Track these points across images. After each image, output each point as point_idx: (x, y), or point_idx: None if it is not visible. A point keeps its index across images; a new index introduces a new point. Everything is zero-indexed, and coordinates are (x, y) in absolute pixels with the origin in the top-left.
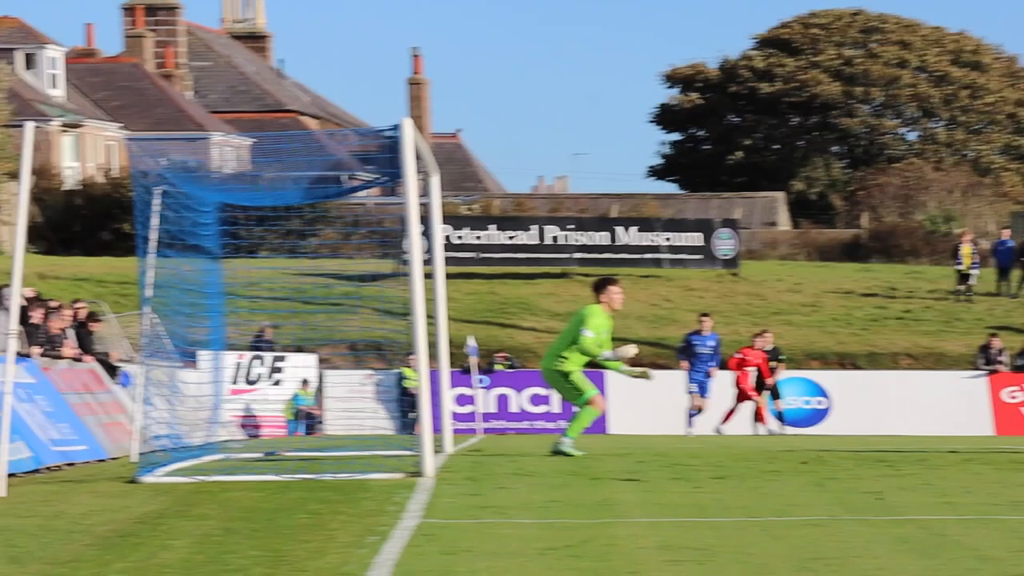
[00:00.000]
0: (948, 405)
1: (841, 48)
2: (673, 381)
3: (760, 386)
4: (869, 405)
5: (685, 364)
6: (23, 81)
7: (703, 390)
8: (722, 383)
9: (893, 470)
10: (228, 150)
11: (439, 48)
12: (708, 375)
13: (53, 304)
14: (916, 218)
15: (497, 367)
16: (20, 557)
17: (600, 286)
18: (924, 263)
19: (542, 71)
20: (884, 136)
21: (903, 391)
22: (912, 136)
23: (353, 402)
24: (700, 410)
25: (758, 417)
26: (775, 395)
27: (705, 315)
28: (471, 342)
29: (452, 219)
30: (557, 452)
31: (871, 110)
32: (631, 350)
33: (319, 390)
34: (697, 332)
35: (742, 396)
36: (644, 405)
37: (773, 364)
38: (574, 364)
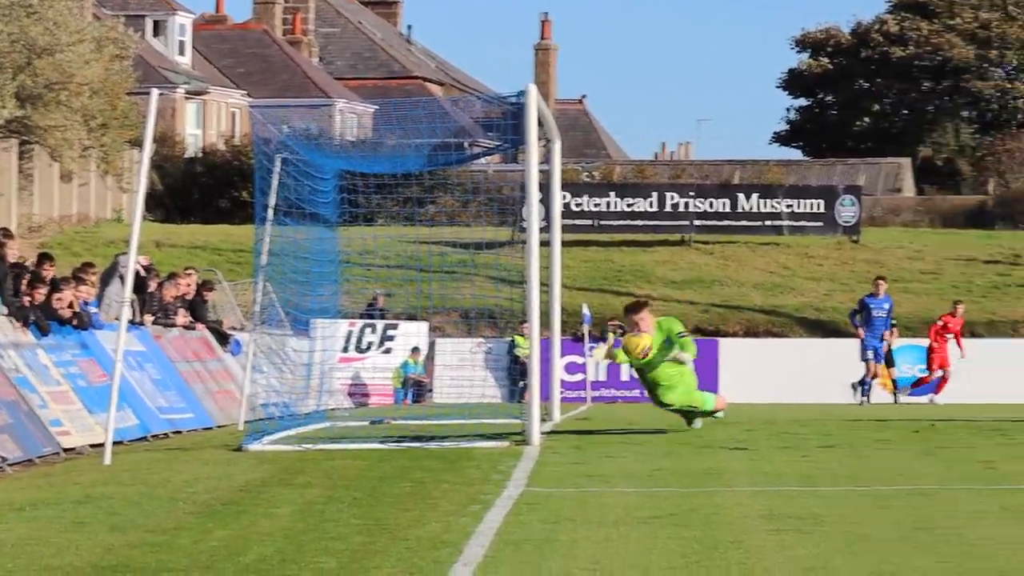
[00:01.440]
0: None
1: (978, 11)
2: (791, 349)
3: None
4: (987, 374)
5: (861, 332)
6: (151, 48)
7: (879, 356)
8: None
9: (1007, 439)
10: (351, 117)
11: (567, 13)
12: (882, 339)
13: (168, 273)
14: None
15: (610, 335)
16: (122, 525)
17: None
18: None
19: (669, 36)
20: (1017, 100)
21: (1022, 360)
22: None
23: (463, 370)
24: (876, 376)
25: (938, 388)
26: (889, 363)
27: (881, 278)
28: (585, 310)
29: (572, 186)
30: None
31: (1005, 74)
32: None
33: (429, 358)
34: (872, 295)
35: (936, 364)
36: (757, 375)
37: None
38: None
